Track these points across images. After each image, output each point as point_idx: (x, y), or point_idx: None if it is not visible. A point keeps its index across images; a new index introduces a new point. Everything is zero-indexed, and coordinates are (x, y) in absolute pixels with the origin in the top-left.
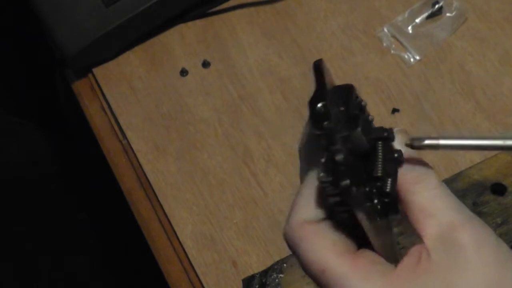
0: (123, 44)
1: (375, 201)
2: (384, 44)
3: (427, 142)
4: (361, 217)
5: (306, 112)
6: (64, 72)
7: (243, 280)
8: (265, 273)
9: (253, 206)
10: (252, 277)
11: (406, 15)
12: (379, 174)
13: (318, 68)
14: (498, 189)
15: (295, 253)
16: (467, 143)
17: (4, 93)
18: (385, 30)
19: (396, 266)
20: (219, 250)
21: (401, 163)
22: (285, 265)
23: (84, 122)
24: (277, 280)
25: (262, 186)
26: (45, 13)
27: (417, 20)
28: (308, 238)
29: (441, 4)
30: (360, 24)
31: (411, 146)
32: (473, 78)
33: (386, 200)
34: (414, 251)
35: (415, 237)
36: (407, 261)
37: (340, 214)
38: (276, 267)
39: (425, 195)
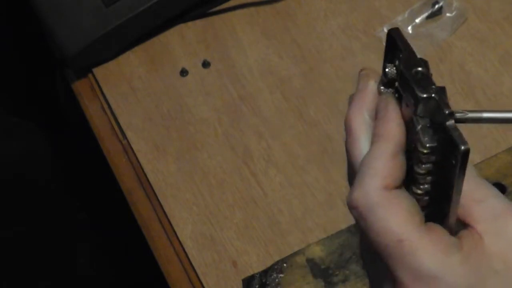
0: (123, 44)
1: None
2: (384, 44)
3: (470, 115)
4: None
5: (306, 112)
6: (64, 72)
7: (243, 280)
8: (265, 273)
9: (253, 206)
10: (252, 277)
11: (406, 15)
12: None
13: (399, 35)
14: (498, 189)
15: (365, 221)
16: (509, 115)
17: (4, 93)
18: (385, 30)
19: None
20: (219, 250)
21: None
22: (285, 265)
23: (84, 122)
24: (277, 280)
25: (262, 186)
26: (45, 13)
27: (417, 20)
28: (386, 205)
29: (441, 4)
30: (360, 24)
31: (454, 119)
32: (473, 78)
33: None
34: (466, 233)
35: None
36: (465, 241)
37: (422, 182)
38: (276, 267)
39: (470, 182)
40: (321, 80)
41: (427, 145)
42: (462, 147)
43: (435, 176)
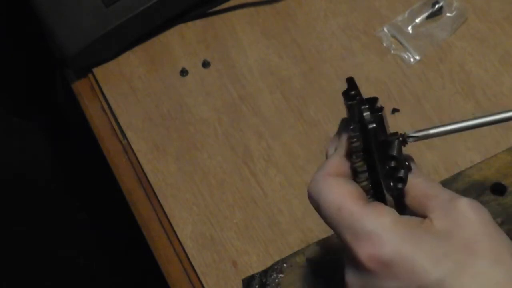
0: (123, 44)
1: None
2: (384, 44)
3: (418, 134)
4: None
5: (306, 112)
6: (64, 72)
7: (243, 280)
8: (265, 273)
9: (253, 206)
10: (252, 277)
11: (406, 15)
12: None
13: (352, 81)
14: (498, 189)
15: (316, 204)
16: (451, 127)
17: (4, 93)
18: (385, 30)
19: None
20: (219, 250)
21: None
22: (285, 265)
23: (84, 122)
24: (277, 280)
25: (262, 186)
26: (45, 13)
27: (417, 20)
28: (329, 186)
29: (441, 4)
30: (360, 24)
31: (404, 143)
32: (473, 78)
33: (392, 164)
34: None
35: None
36: (411, 218)
37: (360, 174)
38: (276, 267)
39: (423, 182)
40: (321, 80)
41: (352, 134)
42: (369, 126)
43: (368, 165)
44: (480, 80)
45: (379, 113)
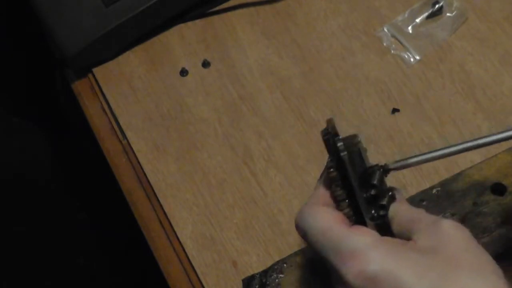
0: (123, 44)
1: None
2: (384, 44)
3: (398, 165)
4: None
5: (306, 112)
6: (64, 72)
7: (243, 280)
8: (265, 273)
9: (253, 206)
10: (252, 277)
11: (406, 15)
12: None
13: (330, 122)
14: (498, 189)
15: (303, 231)
16: (430, 156)
17: (4, 93)
18: (385, 30)
19: None
20: (219, 250)
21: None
22: (285, 265)
23: (84, 122)
24: (277, 280)
25: (262, 186)
26: (45, 13)
27: (417, 20)
28: (314, 213)
29: (441, 4)
30: (360, 24)
31: (386, 173)
32: (473, 78)
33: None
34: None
35: None
36: (395, 238)
37: (341, 202)
38: (276, 267)
39: (409, 210)
40: (321, 80)
41: (329, 164)
42: (342, 154)
43: (347, 193)
44: (480, 80)
45: (357, 147)
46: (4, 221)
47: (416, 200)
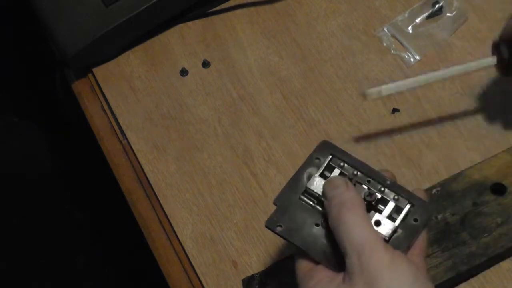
0: (123, 44)
1: None
2: (384, 44)
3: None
4: None
5: (306, 112)
6: (64, 72)
7: (243, 280)
8: (265, 273)
9: (253, 206)
10: (252, 277)
11: (406, 15)
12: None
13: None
14: (498, 189)
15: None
16: (403, 83)
17: (4, 93)
18: (385, 30)
19: None
20: (219, 250)
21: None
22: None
23: (84, 122)
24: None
25: (262, 186)
26: (45, 13)
27: (417, 20)
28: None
29: (441, 4)
30: (360, 24)
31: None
32: (473, 78)
33: None
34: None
35: None
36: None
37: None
38: (276, 268)
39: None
40: (321, 80)
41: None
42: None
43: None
44: (480, 80)
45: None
46: (3, 220)
47: None
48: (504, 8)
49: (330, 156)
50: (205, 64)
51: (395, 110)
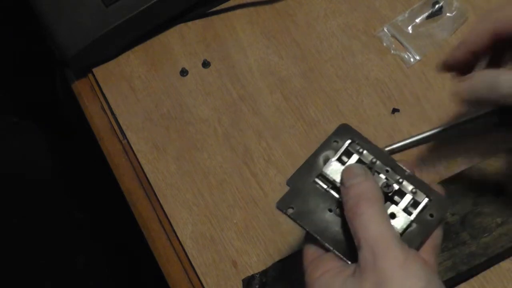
0: (123, 44)
1: None
2: (384, 44)
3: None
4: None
5: (306, 112)
6: (64, 72)
7: (243, 280)
8: (265, 273)
9: (253, 206)
10: (252, 277)
11: (406, 15)
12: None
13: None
14: (498, 189)
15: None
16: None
17: (4, 93)
18: (385, 30)
19: None
20: (219, 250)
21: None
22: (285, 265)
23: (84, 122)
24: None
25: (262, 186)
26: (45, 13)
27: (417, 20)
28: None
29: (441, 4)
30: (360, 24)
31: None
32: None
33: None
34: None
35: None
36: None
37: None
38: (276, 267)
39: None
40: (321, 80)
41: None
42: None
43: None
44: None
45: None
46: (3, 220)
47: None
48: None
49: (349, 141)
50: (205, 64)
51: (395, 110)
